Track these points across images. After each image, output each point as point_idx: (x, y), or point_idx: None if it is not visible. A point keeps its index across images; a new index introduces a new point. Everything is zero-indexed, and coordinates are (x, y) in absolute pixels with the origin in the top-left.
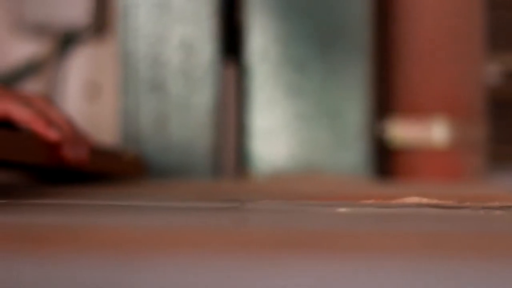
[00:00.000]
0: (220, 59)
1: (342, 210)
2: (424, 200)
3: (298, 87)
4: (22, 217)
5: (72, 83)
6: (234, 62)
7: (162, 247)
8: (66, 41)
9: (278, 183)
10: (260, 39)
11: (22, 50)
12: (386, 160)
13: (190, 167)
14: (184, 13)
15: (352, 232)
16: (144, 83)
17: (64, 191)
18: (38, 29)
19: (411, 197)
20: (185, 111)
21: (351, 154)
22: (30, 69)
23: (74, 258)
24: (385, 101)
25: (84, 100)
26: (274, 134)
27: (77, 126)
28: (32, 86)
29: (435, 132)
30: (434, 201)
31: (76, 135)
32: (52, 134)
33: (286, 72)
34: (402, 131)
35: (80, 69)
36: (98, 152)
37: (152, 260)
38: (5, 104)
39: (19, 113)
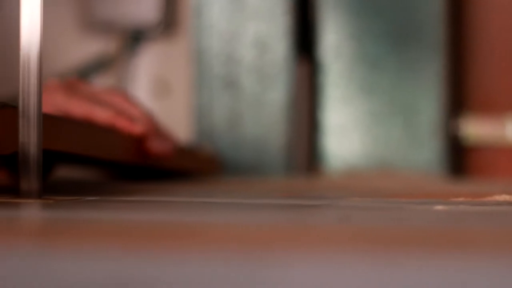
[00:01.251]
0: (294, 56)
1: (439, 207)
2: None
3: (371, 84)
4: (114, 213)
5: (141, 80)
6: (308, 59)
7: (281, 244)
8: (135, 38)
9: (354, 180)
10: (334, 35)
11: (91, 47)
12: (459, 158)
13: (263, 164)
14: (258, 10)
15: (460, 229)
16: (218, 80)
17: (148, 189)
18: (107, 27)
19: (500, 195)
20: (258, 108)
21: (424, 151)
22: (99, 66)
23: (177, 254)
24: (459, 98)
25: (153, 97)
26: (347, 131)
27: (157, 121)
28: (101, 83)
29: (509, 130)
30: None
31: (158, 129)
32: (136, 128)
33: (360, 69)
34: (476, 129)
35: (149, 66)
36: (178, 149)
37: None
38: (85, 106)
39: (101, 113)
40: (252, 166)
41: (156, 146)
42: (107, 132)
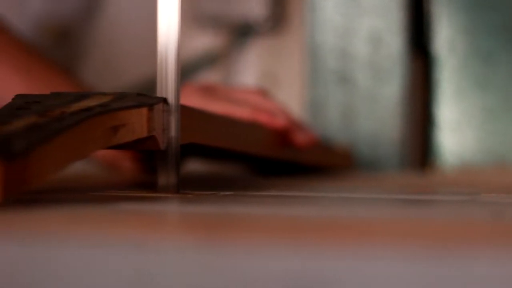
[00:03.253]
0: (408, 51)
1: None
2: None
3: (485, 79)
4: (258, 208)
5: (248, 74)
6: (421, 53)
7: (456, 240)
8: (243, 33)
9: (471, 176)
10: (448, 30)
11: (200, 42)
12: None
13: (377, 159)
14: (372, 5)
15: None
16: (332, 75)
17: (280, 184)
18: (215, 22)
19: None
20: (372, 103)
21: None
22: (208, 61)
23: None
24: None
25: None
26: (462, 126)
27: (293, 115)
28: (209, 78)
29: None
30: None
31: (297, 122)
32: (277, 122)
33: (474, 63)
34: None
35: (257, 61)
36: (317, 142)
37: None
38: (224, 106)
39: (240, 111)
40: (367, 161)
41: (300, 137)
42: (249, 126)
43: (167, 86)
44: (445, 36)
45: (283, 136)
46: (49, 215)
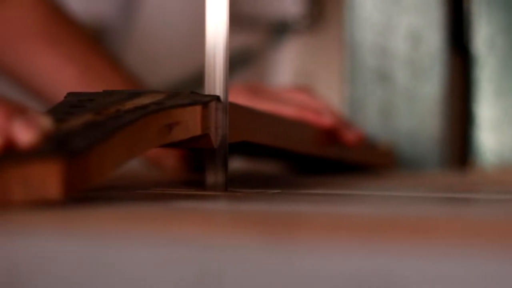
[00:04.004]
0: (448, 49)
1: None
2: None
3: None
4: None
5: (285, 72)
6: (461, 51)
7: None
8: (279, 31)
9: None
10: (487, 28)
11: (237, 41)
12: None
13: (416, 158)
14: (411, 2)
15: None
16: (371, 73)
17: (326, 182)
18: (252, 20)
19: None
20: (412, 102)
21: None
22: (244, 59)
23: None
24: None
25: None
26: (502, 125)
27: (339, 113)
28: (246, 76)
29: None
30: None
31: (344, 120)
32: (325, 121)
33: None
34: None
35: (293, 59)
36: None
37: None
38: (271, 106)
39: (287, 110)
40: (406, 159)
41: (348, 135)
42: (296, 124)
43: (215, 85)
44: (484, 35)
45: (330, 134)
46: (106, 214)
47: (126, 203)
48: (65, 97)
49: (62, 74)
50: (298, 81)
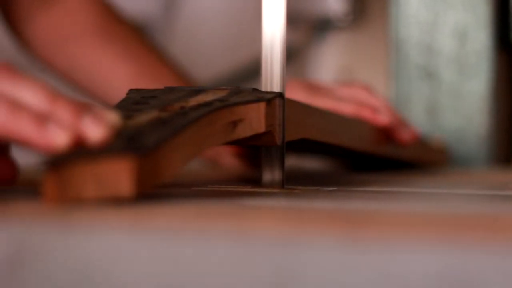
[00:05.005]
0: (494, 46)
1: None
2: None
3: None
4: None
5: (326, 69)
6: (507, 49)
7: None
8: (322, 28)
9: None
10: None
11: None
12: None
13: (463, 155)
14: (457, 0)
15: None
16: (417, 70)
17: (381, 180)
18: (296, 17)
19: None
20: (458, 99)
21: None
22: (287, 56)
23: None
24: None
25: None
26: None
27: (396, 111)
28: (289, 73)
29: None
30: None
31: (401, 118)
32: (381, 119)
33: None
34: None
35: (335, 56)
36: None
37: None
38: (328, 103)
39: (344, 107)
40: (452, 157)
41: (404, 134)
42: (354, 122)
43: (273, 82)
44: None
45: (386, 132)
46: (176, 211)
47: (190, 200)
48: (127, 93)
49: (119, 72)
50: (340, 77)
